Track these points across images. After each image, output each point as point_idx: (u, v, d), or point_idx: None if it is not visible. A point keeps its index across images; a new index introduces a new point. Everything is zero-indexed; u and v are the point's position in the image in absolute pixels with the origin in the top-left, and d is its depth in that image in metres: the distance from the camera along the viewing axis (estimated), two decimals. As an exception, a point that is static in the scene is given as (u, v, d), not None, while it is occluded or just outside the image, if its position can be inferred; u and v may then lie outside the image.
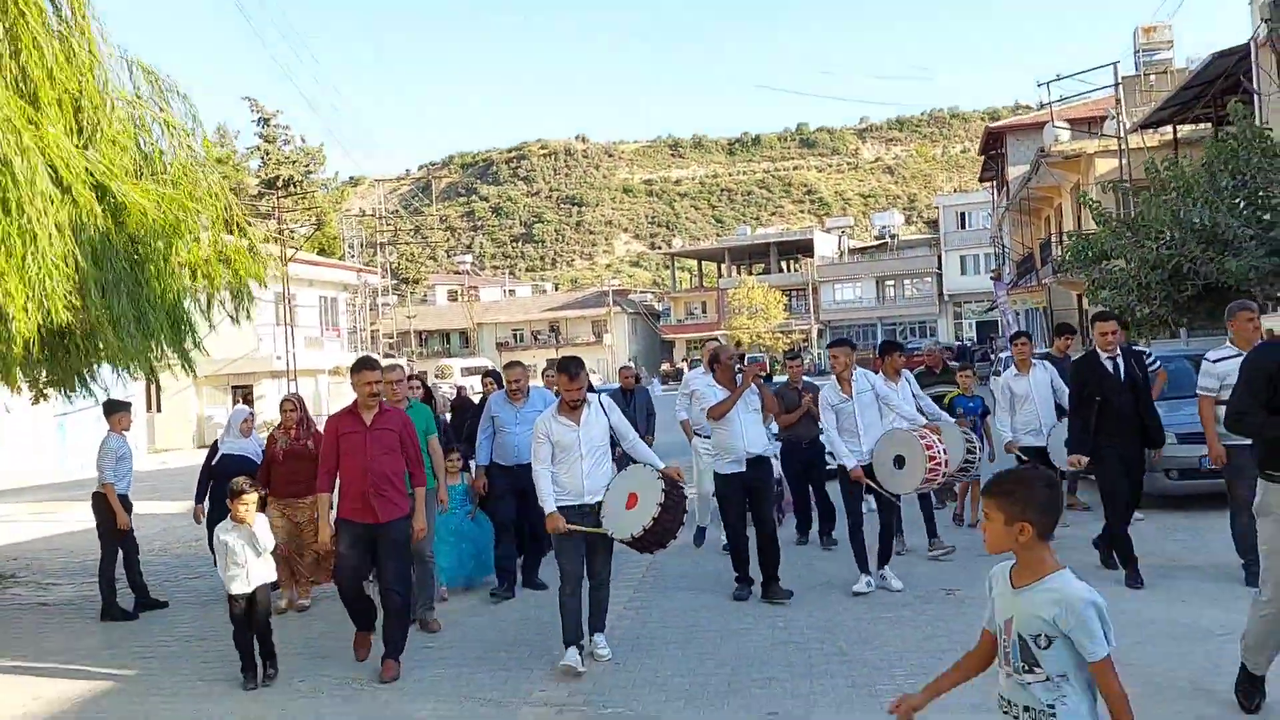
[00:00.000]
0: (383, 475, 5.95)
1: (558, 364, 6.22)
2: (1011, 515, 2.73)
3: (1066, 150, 28.55)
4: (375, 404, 6.08)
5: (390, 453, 6.02)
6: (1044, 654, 2.66)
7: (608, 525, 5.76)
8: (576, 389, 5.90)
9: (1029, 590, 2.73)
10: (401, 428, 6.15)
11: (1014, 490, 2.77)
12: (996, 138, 40.54)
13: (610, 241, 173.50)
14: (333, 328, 40.06)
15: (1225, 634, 5.55)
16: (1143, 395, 7.28)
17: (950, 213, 68.26)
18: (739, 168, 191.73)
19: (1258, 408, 4.34)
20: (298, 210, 45.73)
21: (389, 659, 5.93)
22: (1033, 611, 2.69)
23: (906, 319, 67.57)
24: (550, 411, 6.03)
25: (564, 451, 5.87)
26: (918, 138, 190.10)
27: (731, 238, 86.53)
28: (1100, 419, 7.13)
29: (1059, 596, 2.66)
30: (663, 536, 5.73)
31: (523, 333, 74.45)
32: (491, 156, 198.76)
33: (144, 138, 7.30)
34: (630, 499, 5.72)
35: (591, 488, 5.86)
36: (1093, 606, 2.62)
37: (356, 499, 5.96)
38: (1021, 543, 2.74)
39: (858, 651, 5.85)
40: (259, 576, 5.95)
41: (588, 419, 5.92)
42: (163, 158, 7.35)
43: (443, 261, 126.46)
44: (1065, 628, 2.62)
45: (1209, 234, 13.02)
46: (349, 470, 5.99)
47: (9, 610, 8.71)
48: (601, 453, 5.99)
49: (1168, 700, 4.73)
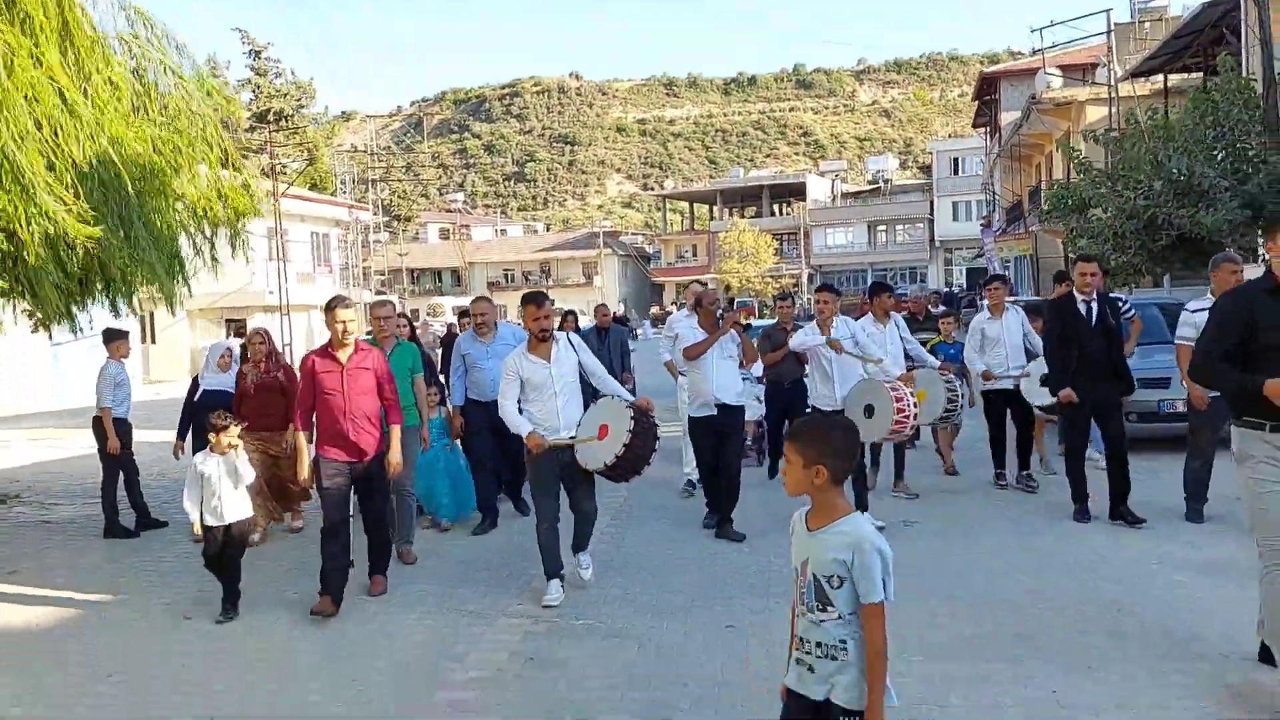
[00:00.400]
0: (360, 414, 6.01)
1: (523, 297, 6.28)
2: (809, 459, 2.83)
3: (1057, 98, 28.63)
4: (350, 343, 6.07)
5: (367, 392, 6.06)
6: (836, 593, 2.78)
7: (582, 458, 5.89)
8: (545, 316, 5.99)
9: (823, 532, 2.83)
10: (378, 367, 6.17)
11: (812, 435, 2.88)
12: (990, 83, 40.47)
13: (603, 181, 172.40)
14: (325, 264, 40.13)
15: (1159, 565, 6.04)
16: (1115, 341, 7.34)
17: (944, 158, 68.09)
18: (734, 108, 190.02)
19: (1218, 356, 4.19)
20: (289, 145, 45.50)
21: (376, 575, 6.19)
22: (826, 553, 2.80)
23: (898, 264, 67.76)
24: (520, 350, 6.10)
25: (536, 390, 5.96)
26: (915, 81, 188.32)
27: (724, 179, 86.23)
28: (1074, 363, 7.24)
29: (850, 539, 2.77)
30: (636, 463, 5.83)
31: (514, 273, 74.47)
32: (484, 93, 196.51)
33: (143, 81, 7.48)
34: (601, 430, 5.85)
35: (566, 423, 5.96)
36: (878, 553, 2.74)
37: (335, 438, 6.01)
38: (817, 485, 2.83)
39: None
40: (235, 511, 5.95)
41: (558, 356, 6.01)
42: (160, 99, 7.54)
43: (434, 199, 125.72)
44: (852, 569, 2.75)
45: (1185, 185, 13.27)
46: (326, 409, 6.02)
47: (14, 527, 9.09)
48: (574, 389, 6.08)
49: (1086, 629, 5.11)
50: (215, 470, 5.89)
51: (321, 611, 5.83)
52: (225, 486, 5.89)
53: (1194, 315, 6.93)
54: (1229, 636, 4.80)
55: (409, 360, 7.26)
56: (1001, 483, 8.82)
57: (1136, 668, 4.54)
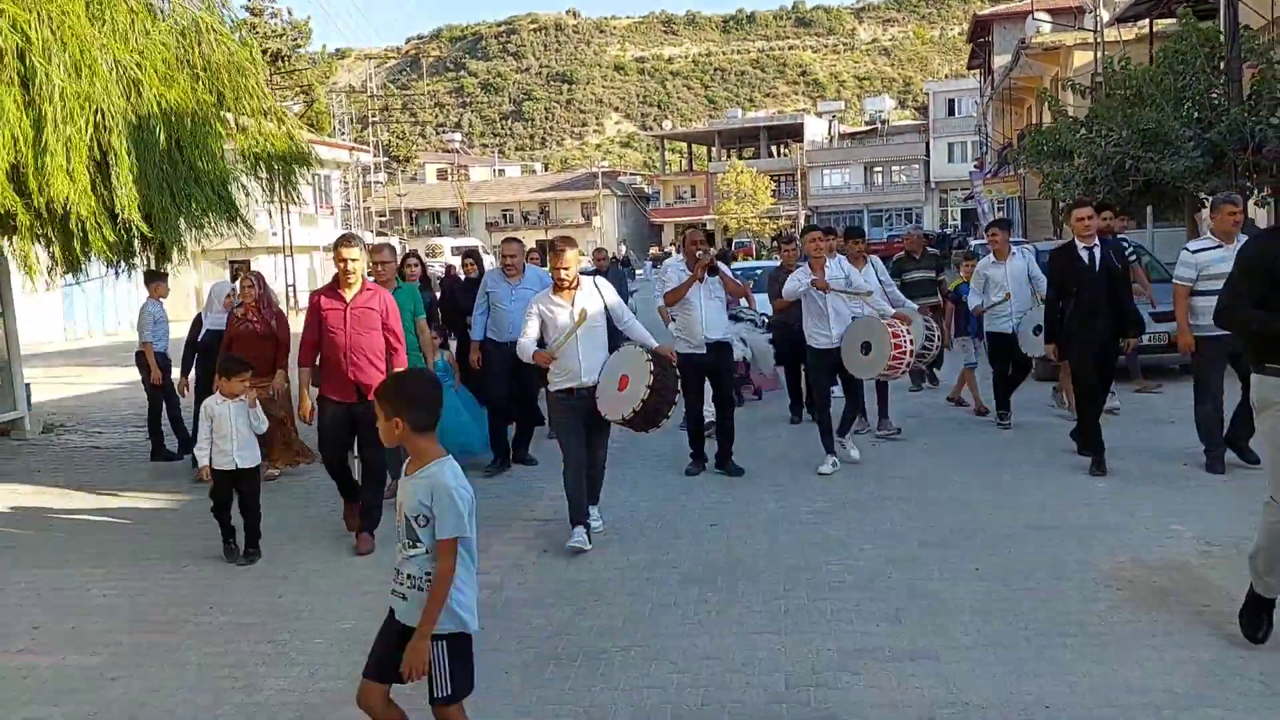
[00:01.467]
0: (362, 353, 5.97)
1: (550, 243, 6.21)
2: (388, 413, 3.09)
3: (1046, 42, 29.09)
4: (356, 281, 6.03)
5: (371, 331, 6.01)
6: (422, 531, 3.06)
7: (603, 407, 5.84)
8: (564, 266, 5.90)
9: (413, 477, 3.10)
10: (383, 307, 6.11)
11: (387, 389, 3.17)
12: (984, 25, 40.75)
13: (601, 121, 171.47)
14: (326, 205, 40.71)
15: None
16: (1119, 286, 7.19)
17: (940, 99, 68.17)
18: (733, 46, 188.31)
19: (1246, 302, 4.08)
20: (287, 87, 45.78)
21: (364, 532, 6.05)
22: (414, 495, 3.07)
23: (894, 205, 68.20)
24: (545, 292, 6.07)
25: (559, 332, 5.86)
26: (915, 19, 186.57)
27: (722, 120, 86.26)
28: (1075, 310, 7.11)
29: (431, 483, 3.04)
30: (653, 417, 5.78)
31: (512, 213, 74.85)
32: (480, 31, 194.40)
33: (188, 39, 8.22)
34: (622, 381, 5.80)
35: (588, 368, 5.86)
36: (454, 495, 3.01)
37: (337, 376, 5.98)
38: (399, 435, 3.08)
39: (792, 498, 6.83)
40: (245, 457, 5.88)
41: (580, 300, 5.90)
42: (203, 57, 8.28)
43: (431, 139, 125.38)
44: (433, 509, 3.03)
45: (1153, 134, 14.01)
46: (329, 347, 5.99)
47: (66, 452, 10.01)
48: (598, 334, 5.97)
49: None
50: (226, 414, 5.84)
51: (353, 518, 6.17)
52: (236, 430, 5.82)
53: (1195, 256, 6.81)
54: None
55: (410, 303, 7.19)
56: (1004, 422, 8.87)
57: (1069, 585, 4.99)
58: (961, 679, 3.96)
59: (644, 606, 4.92)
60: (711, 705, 3.86)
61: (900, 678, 4.00)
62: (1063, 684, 3.87)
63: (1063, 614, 4.57)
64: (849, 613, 4.69)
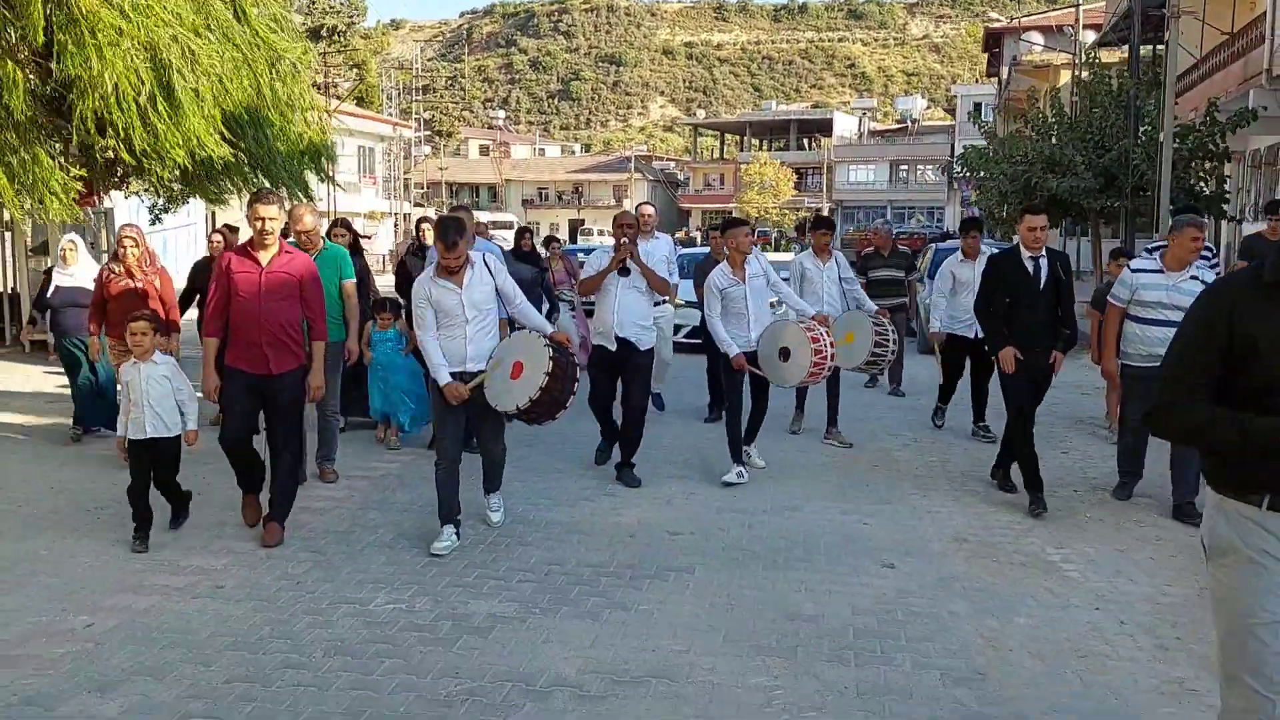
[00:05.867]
0: (277, 323, 5.38)
1: (435, 225, 5.77)
2: None
3: (1036, 60, 31.48)
4: (273, 243, 5.43)
5: (288, 299, 5.43)
6: None
7: (492, 397, 5.36)
8: (455, 259, 5.33)
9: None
10: (303, 273, 5.53)
11: None
12: (996, 37, 42.93)
13: (646, 104, 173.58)
14: (369, 175, 43.84)
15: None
16: (1064, 302, 6.46)
17: (968, 101, 69.96)
18: (783, 35, 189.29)
19: (1199, 387, 2.54)
20: (341, 63, 48.94)
21: (273, 522, 5.48)
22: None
23: (917, 203, 70.36)
24: (429, 273, 5.51)
25: (445, 316, 5.43)
26: (969, 16, 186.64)
27: (752, 113, 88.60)
28: (1011, 326, 6.36)
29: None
30: (552, 408, 5.37)
31: (548, 192, 77.76)
32: (533, 8, 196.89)
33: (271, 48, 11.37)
34: (515, 368, 5.34)
35: (475, 354, 5.44)
36: None
37: (247, 347, 5.39)
38: None
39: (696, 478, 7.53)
40: (158, 425, 5.33)
41: (470, 280, 5.43)
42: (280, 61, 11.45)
43: (478, 113, 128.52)
44: None
45: (1052, 158, 16.63)
46: (240, 315, 5.37)
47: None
48: (488, 317, 5.55)
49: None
50: (136, 377, 5.32)
51: (251, 512, 5.69)
52: (149, 396, 5.30)
53: (1134, 276, 6.21)
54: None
55: (335, 266, 6.59)
56: (938, 421, 8.77)
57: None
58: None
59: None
60: None
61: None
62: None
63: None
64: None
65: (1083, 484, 6.95)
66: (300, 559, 5.30)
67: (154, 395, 5.30)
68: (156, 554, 5.34)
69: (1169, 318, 5.82)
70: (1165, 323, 5.84)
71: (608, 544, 5.59)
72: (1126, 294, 6.20)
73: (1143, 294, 6.09)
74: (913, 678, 3.95)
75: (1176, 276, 6.03)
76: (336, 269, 6.58)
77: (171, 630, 4.35)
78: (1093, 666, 4.07)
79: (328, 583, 4.95)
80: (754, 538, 5.71)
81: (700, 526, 5.93)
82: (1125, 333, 6.21)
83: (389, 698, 3.76)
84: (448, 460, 5.52)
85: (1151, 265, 6.23)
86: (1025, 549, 5.55)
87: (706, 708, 3.71)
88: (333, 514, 6.11)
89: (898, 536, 5.75)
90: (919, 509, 6.35)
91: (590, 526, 5.92)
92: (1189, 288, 5.83)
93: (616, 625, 4.45)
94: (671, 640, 4.28)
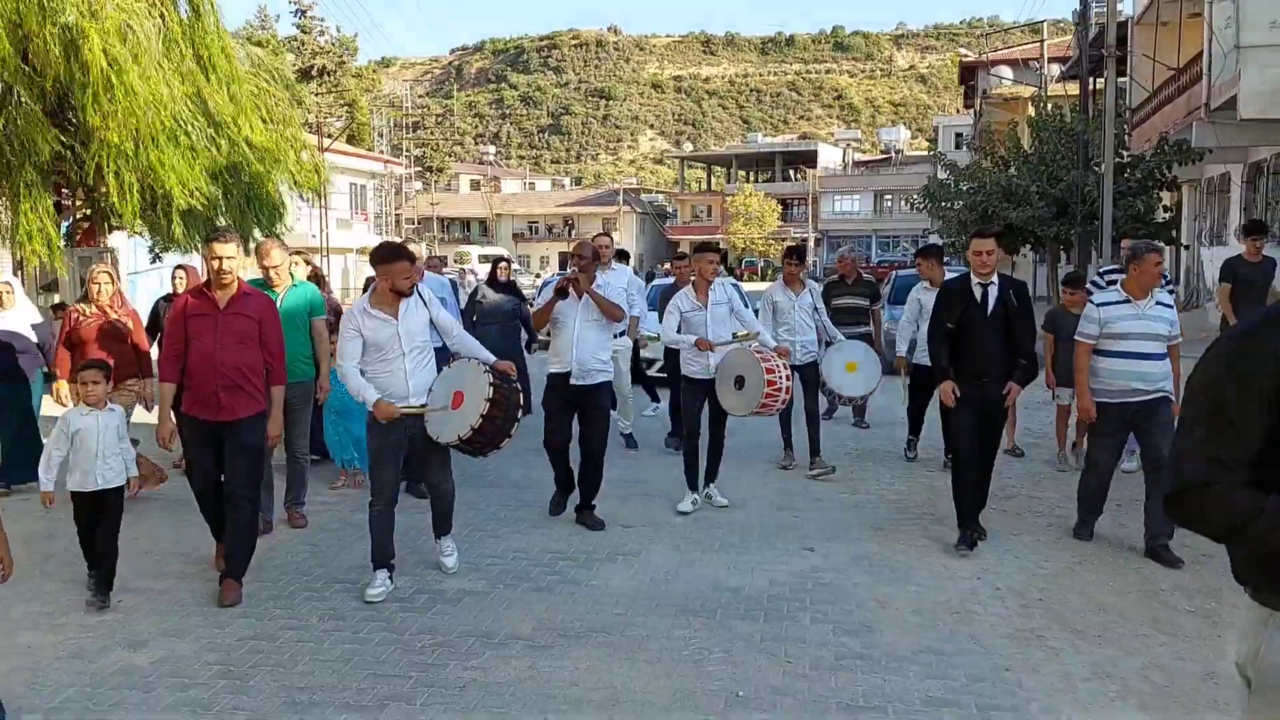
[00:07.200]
0: (234, 368, 5.18)
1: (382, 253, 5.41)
2: None
3: (1005, 93, 32.62)
4: (232, 283, 5.23)
5: (246, 342, 5.23)
6: None
7: (433, 429, 5.26)
8: (403, 275, 5.28)
9: None
10: (262, 314, 5.33)
11: None
12: (970, 70, 44.19)
13: (636, 137, 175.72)
14: (361, 212, 44.79)
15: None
16: (1017, 333, 6.09)
17: (949, 132, 71.42)
18: (770, 68, 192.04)
19: (1242, 464, 1.96)
20: (332, 102, 50.04)
21: (229, 579, 5.19)
22: None
23: (901, 231, 71.56)
24: (362, 304, 5.39)
25: (380, 350, 5.27)
26: (954, 47, 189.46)
27: (739, 145, 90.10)
28: (959, 355, 6.10)
29: None
30: (495, 437, 5.23)
31: (538, 225, 78.89)
32: (523, 44, 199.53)
33: (263, 98, 12.34)
34: (456, 398, 5.22)
35: (416, 388, 5.31)
36: None
37: (203, 392, 5.20)
38: None
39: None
40: (110, 475, 5.08)
41: (406, 312, 5.31)
42: (271, 111, 12.35)
43: (469, 148, 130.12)
44: None
45: (1007, 190, 17.60)
46: (196, 359, 5.19)
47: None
48: (424, 350, 5.43)
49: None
50: (93, 426, 5.06)
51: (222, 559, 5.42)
52: (104, 446, 5.05)
53: (1100, 310, 6.02)
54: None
55: (305, 303, 6.46)
56: (910, 454, 8.64)
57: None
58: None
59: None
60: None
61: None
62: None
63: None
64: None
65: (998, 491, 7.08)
66: (298, 550, 6.10)
67: (108, 445, 5.07)
68: (161, 553, 6.08)
69: (1141, 349, 5.89)
70: (1138, 355, 5.89)
71: (568, 536, 6.40)
72: (1095, 329, 5.99)
73: (1113, 326, 5.93)
74: (809, 630, 4.76)
75: (1143, 304, 5.95)
76: (307, 306, 6.48)
77: (189, 604, 5.16)
78: (962, 620, 4.88)
79: (321, 568, 5.77)
80: (699, 529, 6.54)
81: (652, 519, 6.76)
82: (1094, 367, 6.02)
83: (374, 649, 4.56)
84: (384, 500, 5.33)
85: (1115, 296, 6.06)
86: (932, 533, 6.38)
87: (634, 653, 4.51)
88: (327, 515, 6.92)
89: (823, 527, 6.57)
90: (845, 504, 7.19)
91: (553, 522, 6.76)
92: (1157, 314, 5.97)
93: (567, 596, 5.26)
94: (613, 607, 5.09)
